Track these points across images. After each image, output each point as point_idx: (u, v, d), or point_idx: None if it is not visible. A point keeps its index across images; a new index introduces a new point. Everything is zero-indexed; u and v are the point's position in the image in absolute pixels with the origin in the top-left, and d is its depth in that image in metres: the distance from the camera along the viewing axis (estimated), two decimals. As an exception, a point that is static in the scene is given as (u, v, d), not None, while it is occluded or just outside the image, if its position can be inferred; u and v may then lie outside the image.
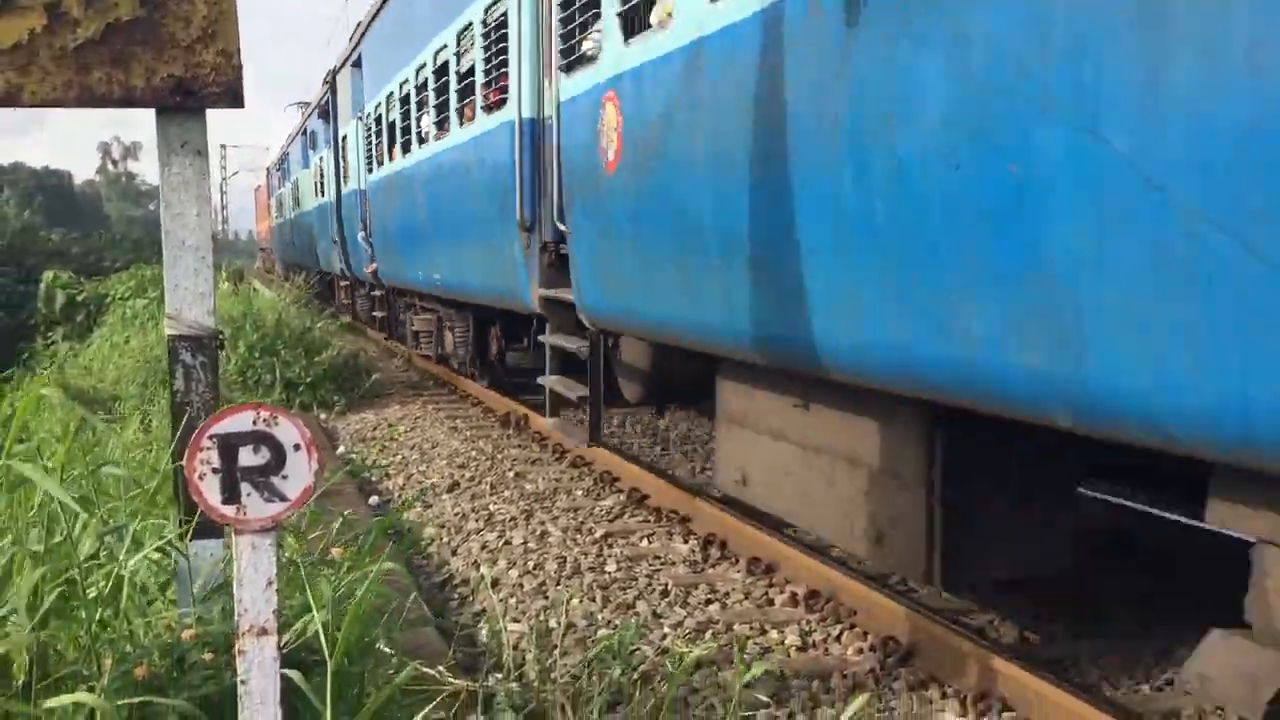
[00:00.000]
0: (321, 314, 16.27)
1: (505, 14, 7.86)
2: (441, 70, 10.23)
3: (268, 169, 39.32)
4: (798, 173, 4.11)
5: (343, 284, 20.51)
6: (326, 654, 2.41)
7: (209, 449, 1.94)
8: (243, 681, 2.01)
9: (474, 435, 9.64)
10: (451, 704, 3.32)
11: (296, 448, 2.00)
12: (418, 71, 11.36)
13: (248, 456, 1.96)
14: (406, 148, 12.04)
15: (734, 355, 5.10)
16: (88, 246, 37.22)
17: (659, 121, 5.34)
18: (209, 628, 2.58)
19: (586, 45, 6.47)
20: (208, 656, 2.44)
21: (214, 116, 3.12)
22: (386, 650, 3.39)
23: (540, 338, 8.03)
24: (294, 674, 2.26)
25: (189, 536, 2.97)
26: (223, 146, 73.58)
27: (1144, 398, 2.79)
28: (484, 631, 4.65)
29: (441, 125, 10.34)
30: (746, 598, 5.20)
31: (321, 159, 20.42)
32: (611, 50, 5.88)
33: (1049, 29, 2.88)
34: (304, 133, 24.54)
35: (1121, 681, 4.17)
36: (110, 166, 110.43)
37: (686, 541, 6.09)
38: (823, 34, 3.84)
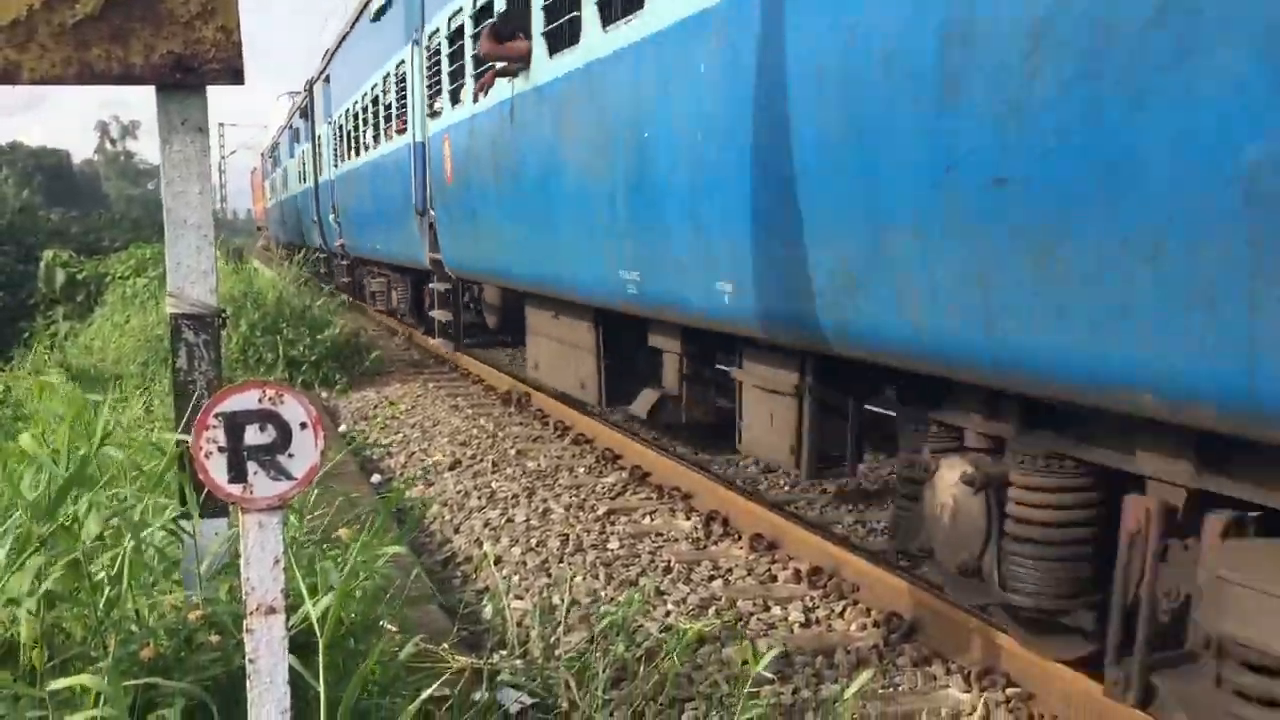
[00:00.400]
0: (321, 292, 16.27)
1: (405, 72, 12.27)
2: (375, 100, 14.78)
3: (262, 154, 43.44)
4: (507, 188, 8.32)
5: (321, 256, 24.55)
6: (319, 633, 2.41)
7: (215, 427, 1.92)
8: (251, 660, 2.01)
9: (475, 413, 9.64)
10: (456, 681, 3.33)
11: (303, 426, 1.99)
12: (363, 97, 15.87)
13: (254, 435, 1.95)
14: (358, 151, 16.40)
15: (519, 288, 9.16)
16: (87, 226, 37.15)
17: (464, 155, 9.61)
18: (215, 608, 2.58)
19: (437, 105, 10.72)
20: (215, 638, 2.44)
21: (213, 95, 3.10)
22: (391, 628, 3.40)
23: (428, 285, 12.80)
24: (290, 657, 2.26)
25: (196, 516, 2.96)
26: (221, 125, 73.47)
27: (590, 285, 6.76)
28: (488, 609, 4.65)
29: (376, 139, 14.69)
30: (749, 574, 5.21)
31: (304, 151, 24.74)
32: (447, 111, 10.26)
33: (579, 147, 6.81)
34: (291, 127, 28.86)
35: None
36: (109, 145, 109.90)
37: (689, 518, 6.10)
38: (505, 123, 8.18)
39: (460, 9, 9.47)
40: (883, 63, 3.61)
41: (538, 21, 7.30)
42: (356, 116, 16.31)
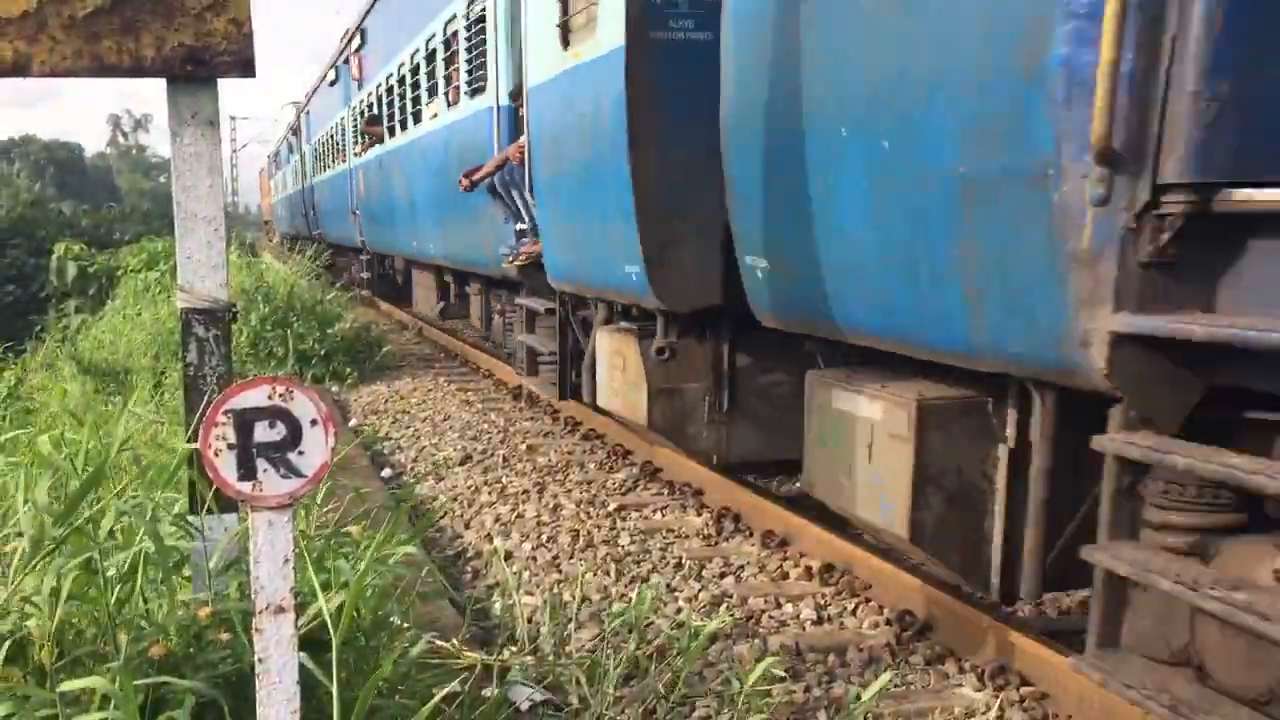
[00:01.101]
0: (333, 286, 16.30)
1: (344, 124, 19.70)
2: (331, 136, 22.27)
3: (268, 157, 52.19)
4: (382, 200, 15.71)
5: (310, 242, 31.75)
6: (332, 632, 2.40)
7: (224, 424, 1.90)
8: (260, 660, 1.99)
9: (485, 408, 9.63)
10: (467, 677, 3.32)
11: (313, 423, 1.97)
12: (326, 132, 23.53)
13: (264, 432, 1.93)
14: (324, 168, 24.01)
15: (405, 256, 16.22)
16: (98, 219, 37.17)
17: (366, 180, 17.09)
18: (225, 604, 2.56)
19: (355, 149, 17.99)
20: (225, 636, 2.42)
21: (224, 88, 3.07)
22: (402, 625, 3.38)
23: (361, 257, 20.43)
24: (302, 655, 2.24)
25: (204, 511, 2.94)
26: (232, 119, 73.45)
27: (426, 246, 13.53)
28: (498, 605, 4.64)
29: (332, 162, 22.05)
30: (761, 571, 5.19)
31: (296, 160, 33.03)
32: (359, 155, 17.69)
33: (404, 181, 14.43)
34: (288, 140, 37.44)
35: (1139, 656, 4.14)
36: (120, 139, 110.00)
37: (700, 515, 6.07)
38: (378, 166, 15.73)
39: (363, 99, 17.09)
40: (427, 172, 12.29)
41: (385, 120, 14.85)
42: (323, 144, 24.39)
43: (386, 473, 7.36)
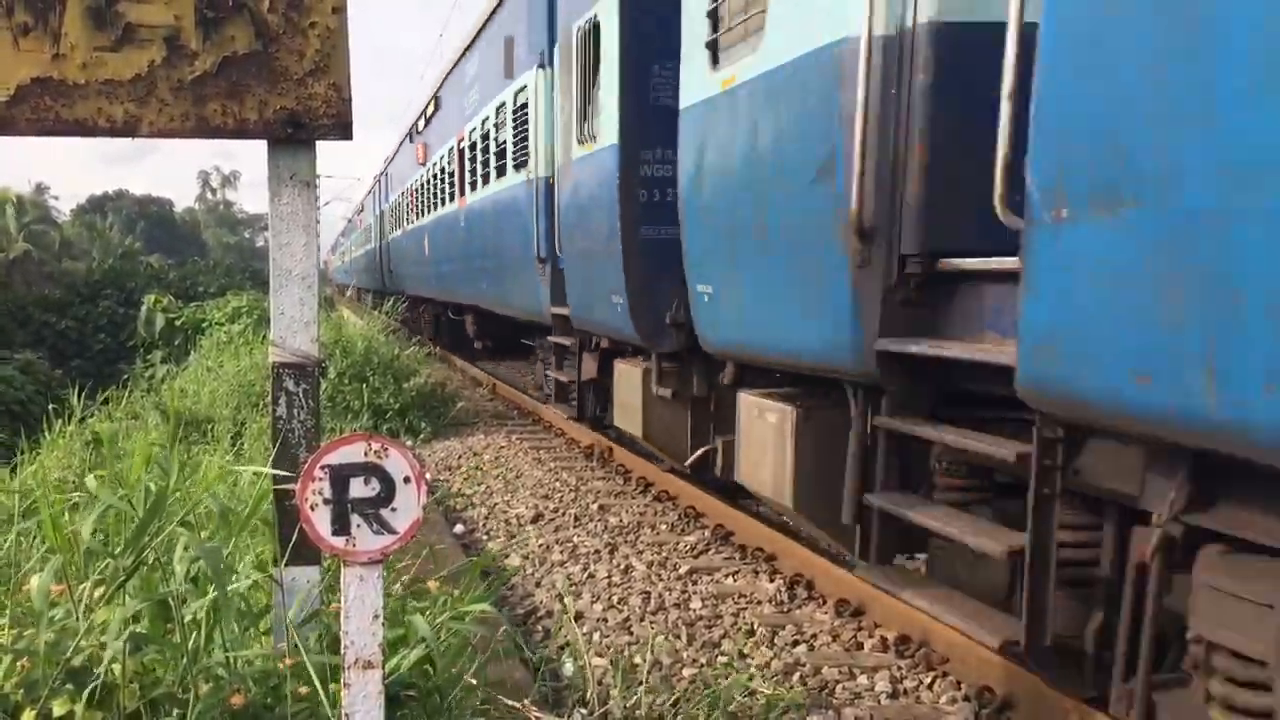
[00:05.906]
0: (409, 342, 16.53)
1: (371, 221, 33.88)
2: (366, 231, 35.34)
3: (333, 245, 76.54)
4: (413, 250, 23.86)
5: (358, 289, 44.31)
6: (402, 691, 2.40)
7: (321, 479, 1.93)
8: (347, 715, 2.00)
9: (558, 466, 9.64)
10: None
11: (406, 480, 1.99)
12: (357, 234, 40.05)
13: (358, 488, 1.95)
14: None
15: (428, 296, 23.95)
16: (184, 272, 38.35)
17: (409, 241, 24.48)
18: (304, 657, 2.58)
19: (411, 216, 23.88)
20: (303, 690, 2.44)
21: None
22: (475, 683, 3.38)
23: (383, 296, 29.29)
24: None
25: (283, 562, 2.98)
26: (316, 177, 76.17)
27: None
28: (568, 665, 4.61)
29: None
30: (834, 640, 5.10)
31: (347, 246, 49.62)
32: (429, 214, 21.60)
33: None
34: (339, 240, 58.54)
35: (1231, 743, 3.99)
36: (209, 195, 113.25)
37: (772, 580, 6.00)
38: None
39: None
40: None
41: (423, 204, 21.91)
42: (353, 243, 35.91)
43: (459, 529, 7.39)
